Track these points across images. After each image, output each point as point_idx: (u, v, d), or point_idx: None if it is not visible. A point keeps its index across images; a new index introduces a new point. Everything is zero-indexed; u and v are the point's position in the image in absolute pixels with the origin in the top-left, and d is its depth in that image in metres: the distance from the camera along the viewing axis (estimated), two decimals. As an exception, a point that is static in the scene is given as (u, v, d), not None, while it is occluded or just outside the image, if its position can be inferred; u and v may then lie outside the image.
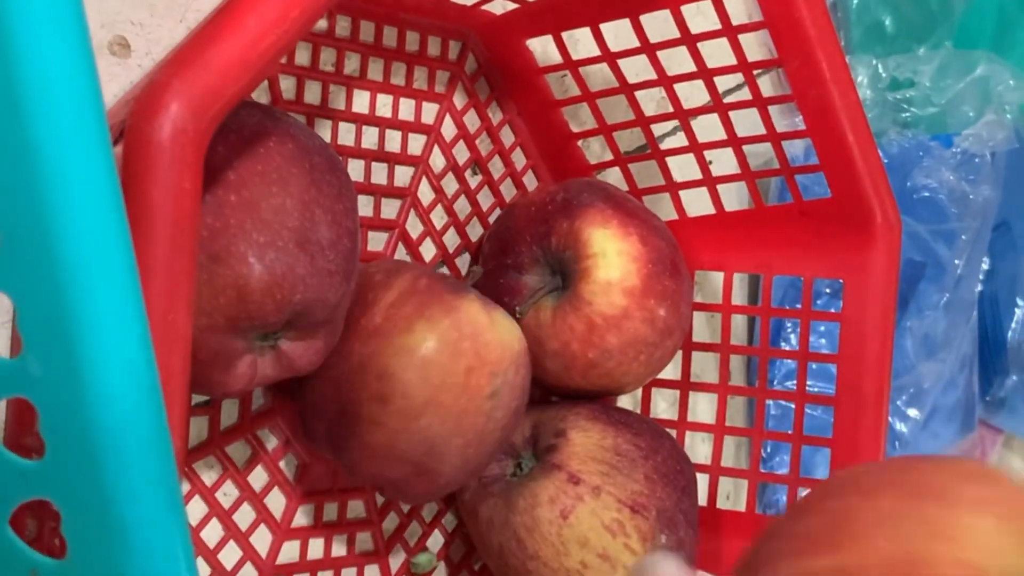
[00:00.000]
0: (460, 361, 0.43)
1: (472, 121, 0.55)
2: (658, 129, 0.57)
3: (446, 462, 0.44)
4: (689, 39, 0.51)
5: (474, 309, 0.44)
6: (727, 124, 0.54)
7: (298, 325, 0.40)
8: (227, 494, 0.47)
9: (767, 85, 0.53)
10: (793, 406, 0.56)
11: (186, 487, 0.45)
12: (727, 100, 0.54)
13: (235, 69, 0.32)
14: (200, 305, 0.37)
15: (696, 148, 0.55)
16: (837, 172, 0.53)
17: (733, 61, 0.52)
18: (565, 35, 0.54)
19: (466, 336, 0.43)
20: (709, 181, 0.56)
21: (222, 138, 0.38)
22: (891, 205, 0.53)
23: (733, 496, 0.64)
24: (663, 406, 0.62)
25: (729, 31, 0.51)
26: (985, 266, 0.79)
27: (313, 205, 0.39)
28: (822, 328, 0.67)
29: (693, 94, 0.55)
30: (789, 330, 0.70)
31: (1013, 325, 0.82)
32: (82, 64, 0.27)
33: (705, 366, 0.61)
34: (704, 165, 0.56)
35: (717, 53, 0.52)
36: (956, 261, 0.72)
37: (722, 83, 0.53)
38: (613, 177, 0.58)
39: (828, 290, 0.70)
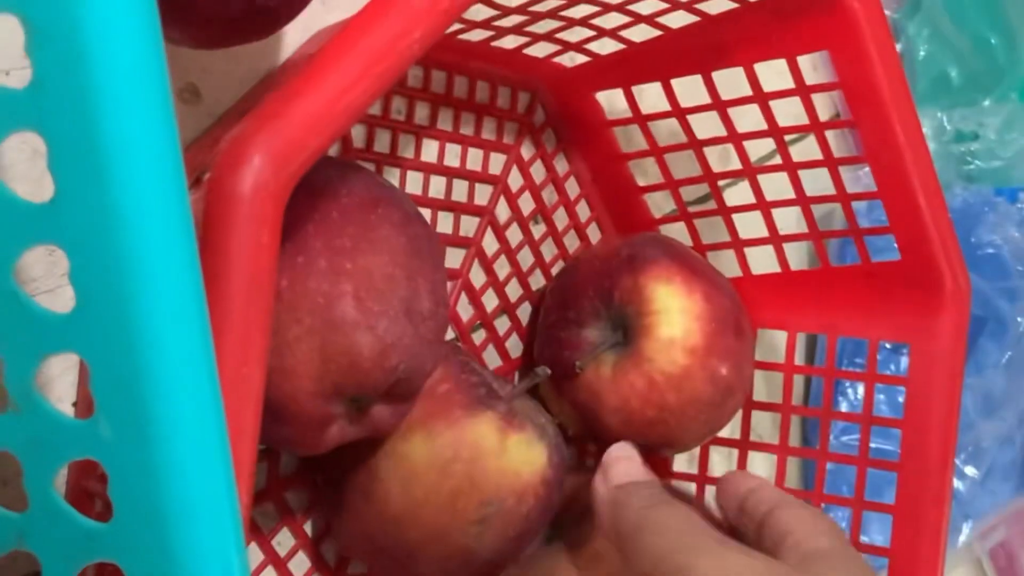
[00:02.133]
0: (447, 483, 0.43)
1: (538, 172, 0.55)
2: (724, 183, 0.56)
3: (425, 568, 0.44)
4: (761, 97, 0.51)
5: (484, 430, 0.43)
6: (795, 182, 0.53)
7: (395, 391, 0.40)
8: (281, 543, 0.46)
9: (832, 141, 0.52)
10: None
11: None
12: (796, 158, 0.53)
13: (318, 123, 0.32)
14: (309, 371, 0.38)
15: (763, 205, 0.55)
16: (907, 235, 0.52)
17: (804, 119, 0.51)
18: (635, 89, 0.54)
19: (461, 459, 0.43)
20: (775, 239, 0.55)
21: (335, 202, 0.39)
22: (961, 270, 0.53)
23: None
24: (717, 460, 0.61)
25: (802, 90, 0.50)
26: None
27: (417, 275, 0.40)
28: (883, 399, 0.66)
29: (760, 149, 0.54)
30: (847, 385, 0.69)
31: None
32: (164, 124, 0.27)
33: (759, 422, 0.60)
34: (771, 222, 0.55)
35: (787, 108, 0.52)
36: (1019, 319, 0.71)
37: (790, 139, 0.53)
38: (677, 232, 0.57)
39: (888, 345, 0.69)
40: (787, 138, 0.53)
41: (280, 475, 0.46)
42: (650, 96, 0.54)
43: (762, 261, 0.57)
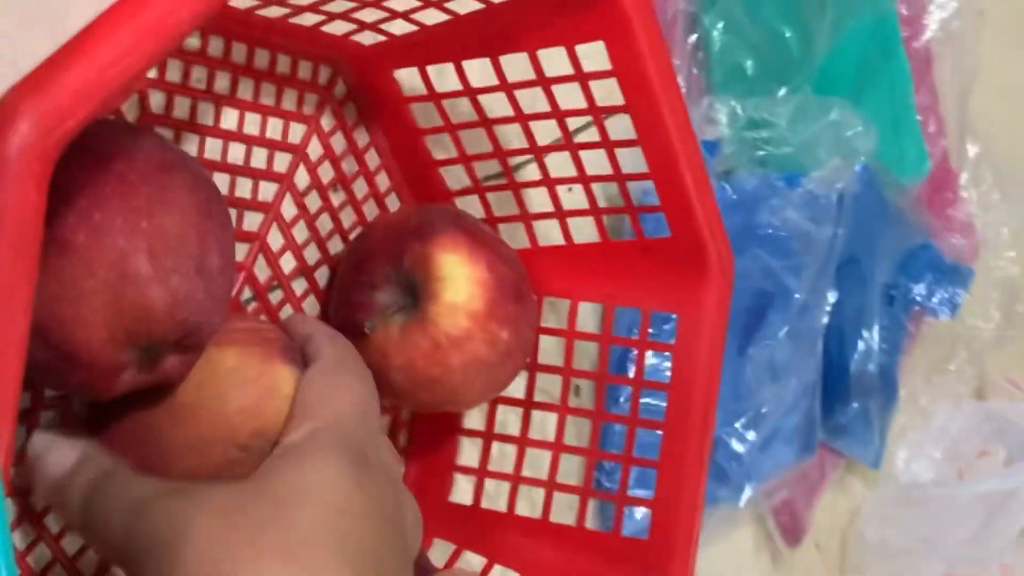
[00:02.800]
0: (237, 397, 0.46)
1: (339, 143, 0.58)
2: (514, 161, 0.60)
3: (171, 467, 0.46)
4: (544, 81, 0.55)
5: (286, 376, 0.46)
6: (577, 162, 0.58)
7: (184, 342, 0.43)
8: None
9: (618, 127, 0.56)
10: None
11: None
12: (577, 139, 0.57)
13: (85, 91, 0.35)
14: (103, 320, 0.41)
15: (548, 183, 0.59)
16: (676, 213, 0.56)
17: (584, 104, 0.55)
18: (432, 68, 0.57)
19: (259, 385, 0.46)
20: (559, 214, 0.60)
21: (130, 165, 0.42)
22: (724, 247, 0.57)
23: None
24: (512, 421, 0.65)
25: (580, 77, 0.54)
26: (833, 299, 0.83)
27: (207, 235, 0.43)
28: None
29: (548, 131, 0.58)
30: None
31: (856, 356, 0.87)
32: None
33: (552, 384, 0.64)
34: (556, 198, 0.59)
35: (571, 95, 0.56)
36: (797, 296, 0.76)
37: (573, 123, 0.57)
38: (471, 204, 0.61)
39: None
40: (578, 122, 0.57)
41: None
42: (447, 75, 0.58)
43: (549, 233, 0.61)
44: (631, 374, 0.70)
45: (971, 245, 0.97)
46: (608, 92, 0.55)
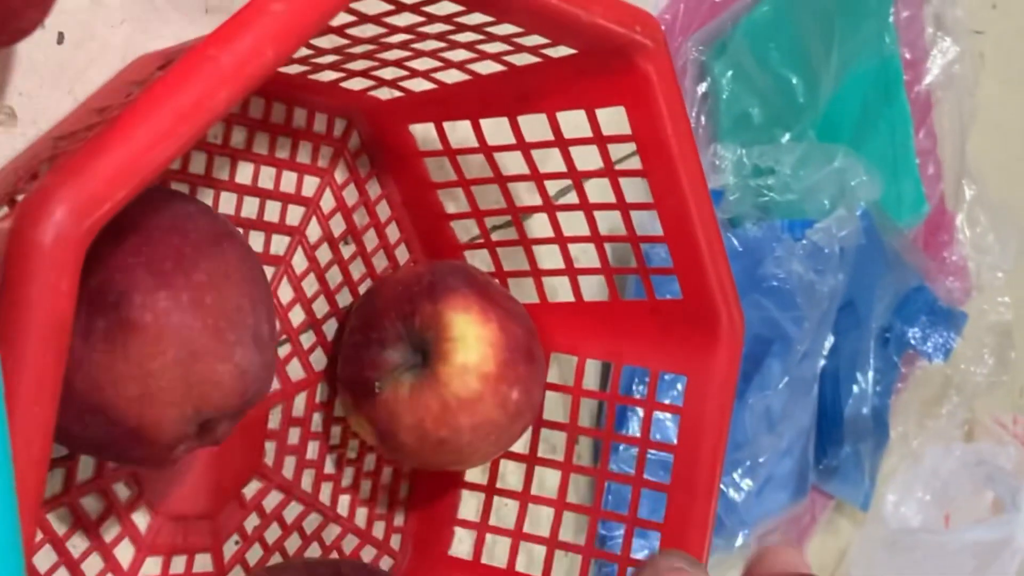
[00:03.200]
0: None
1: (351, 195, 0.58)
2: (527, 217, 0.60)
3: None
4: (562, 143, 0.55)
5: None
6: (591, 220, 0.57)
7: (241, 411, 0.43)
8: (76, 546, 0.48)
9: (630, 184, 0.56)
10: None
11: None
12: (595, 198, 0.57)
13: (121, 176, 0.34)
14: (173, 398, 0.41)
15: (560, 240, 0.58)
16: (689, 277, 0.56)
17: (600, 164, 0.55)
18: (446, 123, 0.56)
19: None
20: (571, 271, 0.59)
21: (185, 239, 0.42)
22: (736, 311, 0.57)
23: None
24: (512, 478, 0.65)
25: (599, 140, 0.54)
26: (829, 343, 0.83)
27: (258, 303, 0.43)
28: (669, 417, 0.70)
29: (562, 184, 0.58)
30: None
31: (850, 399, 0.87)
32: None
33: (559, 443, 0.64)
34: (567, 255, 0.59)
35: (591, 158, 0.56)
36: (799, 347, 0.76)
37: (594, 187, 0.57)
38: (481, 257, 0.61)
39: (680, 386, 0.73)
40: (591, 187, 0.56)
41: (77, 483, 0.48)
42: (461, 130, 0.57)
43: (559, 289, 0.61)
44: (633, 427, 0.70)
45: (965, 288, 0.97)
46: (624, 149, 0.55)
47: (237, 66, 0.36)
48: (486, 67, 0.52)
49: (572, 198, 0.57)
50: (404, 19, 0.46)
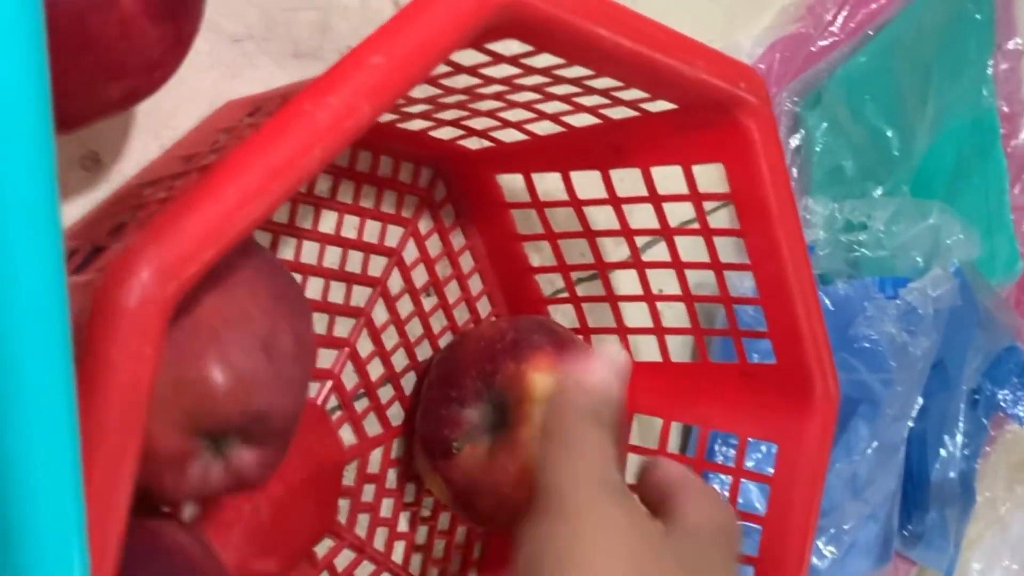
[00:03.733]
0: None
1: (434, 245, 0.56)
2: (612, 270, 0.58)
3: None
4: (655, 199, 0.52)
5: None
6: (682, 279, 0.55)
7: (254, 432, 0.40)
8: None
9: (728, 246, 0.54)
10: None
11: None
12: (683, 256, 0.55)
13: (210, 237, 0.33)
14: (164, 402, 0.38)
15: (649, 298, 0.56)
16: (784, 342, 0.54)
17: (691, 215, 0.53)
18: (536, 175, 0.55)
19: None
20: (659, 330, 0.57)
21: None
22: (832, 379, 0.55)
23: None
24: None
25: (695, 197, 0.52)
26: (918, 404, 0.80)
27: (278, 317, 0.40)
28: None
29: (651, 246, 0.56)
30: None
31: (938, 463, 0.84)
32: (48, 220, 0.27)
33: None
34: (656, 315, 0.57)
35: (679, 211, 0.53)
36: (888, 411, 0.73)
37: (681, 241, 0.54)
38: (565, 312, 0.58)
39: (764, 448, 0.71)
40: (684, 245, 0.54)
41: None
42: (549, 180, 0.55)
43: (645, 348, 0.59)
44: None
45: (1057, 350, 0.94)
46: (719, 205, 0.52)
47: (333, 122, 0.35)
48: (580, 119, 0.50)
49: (659, 249, 0.55)
50: (500, 71, 0.44)
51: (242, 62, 0.47)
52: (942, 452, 0.83)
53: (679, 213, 0.54)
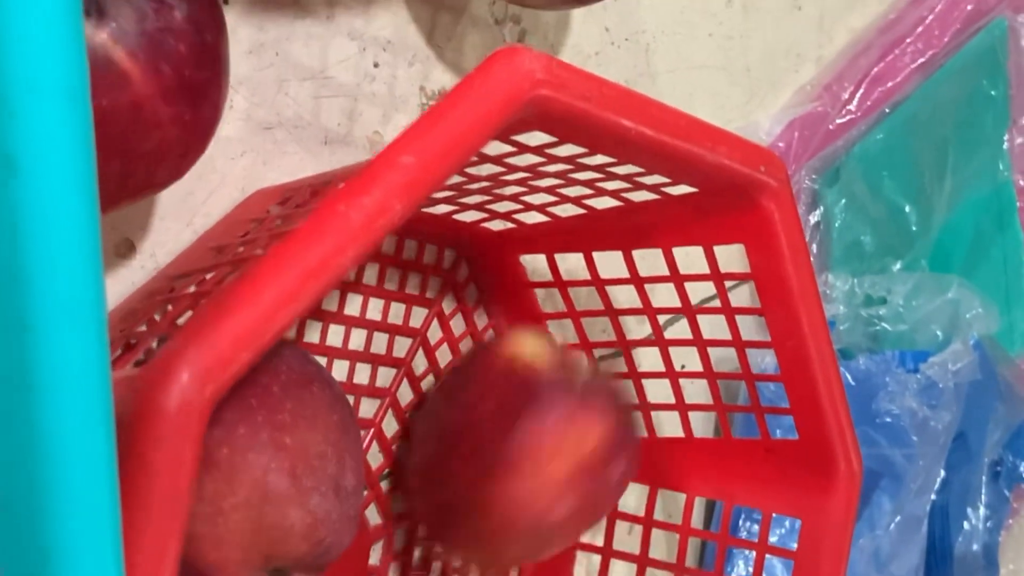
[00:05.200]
0: None
1: (458, 325, 0.57)
2: (636, 349, 0.58)
3: None
4: (677, 278, 0.53)
5: None
6: (704, 357, 0.56)
7: (314, 564, 0.41)
8: None
9: (745, 322, 0.54)
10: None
11: None
12: (707, 336, 0.55)
13: (248, 339, 0.33)
14: (240, 541, 0.39)
15: (672, 375, 0.57)
16: (806, 419, 0.54)
17: (717, 300, 0.53)
18: (558, 255, 0.55)
19: None
20: (681, 406, 0.57)
21: (275, 378, 0.41)
22: (855, 455, 0.55)
23: None
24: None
25: (716, 276, 0.52)
26: (940, 477, 0.80)
27: (344, 452, 0.41)
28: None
29: (673, 322, 0.56)
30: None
31: (960, 538, 0.83)
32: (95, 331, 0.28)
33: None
34: (678, 391, 0.57)
35: (701, 287, 0.54)
36: (911, 485, 0.73)
37: (702, 317, 0.55)
38: (589, 389, 0.59)
39: (788, 523, 0.71)
40: (705, 320, 0.55)
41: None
42: (572, 259, 0.56)
43: (668, 424, 0.59)
44: (738, 567, 0.68)
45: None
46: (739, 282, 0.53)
47: (366, 222, 0.35)
48: (602, 202, 0.51)
49: (681, 324, 0.55)
50: (525, 159, 0.45)
51: (273, 149, 0.48)
52: (965, 525, 0.83)
53: (701, 289, 0.54)
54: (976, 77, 0.82)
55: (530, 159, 0.45)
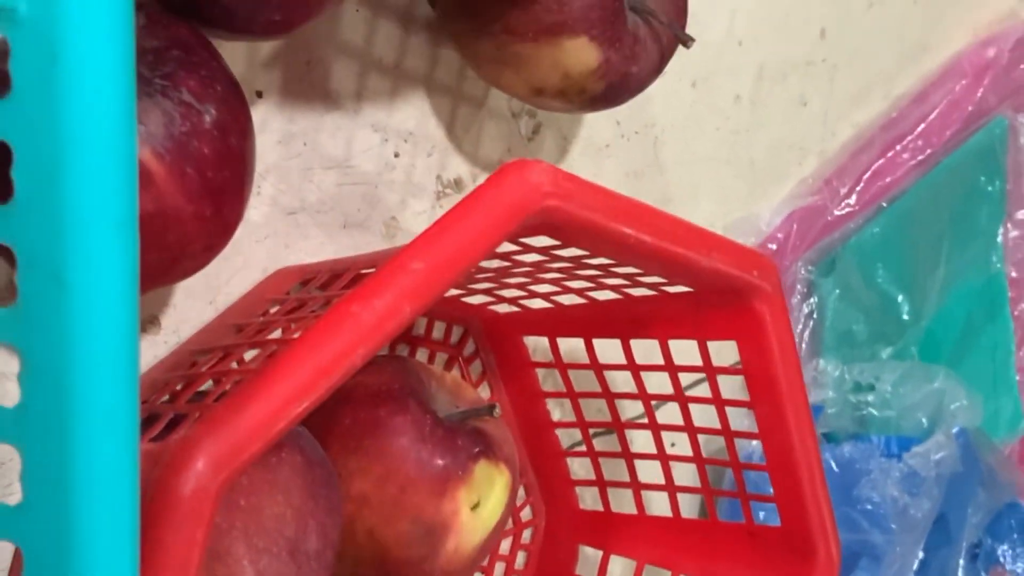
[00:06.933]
0: None
1: (461, 399, 0.59)
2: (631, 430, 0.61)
3: None
4: (671, 368, 0.56)
5: None
6: (694, 443, 0.58)
7: None
8: None
9: (738, 412, 0.57)
10: None
11: None
12: (696, 420, 0.58)
13: (260, 431, 0.36)
14: None
15: (663, 457, 0.59)
16: (789, 506, 0.56)
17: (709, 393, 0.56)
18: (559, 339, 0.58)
19: None
20: (671, 488, 0.60)
21: None
22: (835, 544, 0.57)
23: None
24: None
25: (709, 369, 0.55)
26: (918, 558, 0.82)
27: (308, 516, 0.43)
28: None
29: (665, 403, 0.59)
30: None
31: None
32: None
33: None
34: (668, 473, 0.60)
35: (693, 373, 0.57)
36: (890, 568, 0.75)
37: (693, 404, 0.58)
38: (582, 464, 0.62)
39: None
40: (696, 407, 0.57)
41: None
42: (572, 343, 0.59)
43: (657, 503, 0.61)
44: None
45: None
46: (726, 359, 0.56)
47: (376, 323, 0.38)
48: (603, 295, 0.54)
49: (671, 409, 0.58)
50: (530, 257, 0.48)
51: (295, 233, 0.51)
52: (943, 607, 0.85)
53: (692, 374, 0.57)
54: (974, 173, 0.85)
55: (535, 257, 0.48)
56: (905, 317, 0.79)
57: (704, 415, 0.58)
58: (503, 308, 0.57)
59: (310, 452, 0.45)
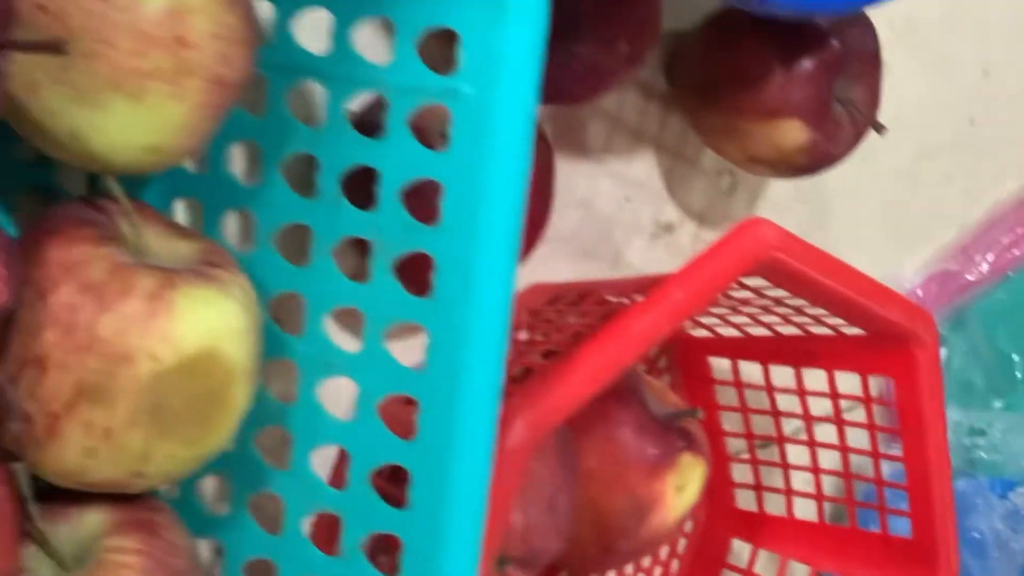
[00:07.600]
0: None
1: (651, 405, 0.71)
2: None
3: None
4: (834, 395, 0.67)
5: None
6: (845, 461, 0.69)
7: (528, 560, 0.55)
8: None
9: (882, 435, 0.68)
10: None
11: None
12: (849, 443, 0.69)
13: (565, 404, 0.48)
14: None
15: (815, 470, 0.71)
16: (921, 523, 0.67)
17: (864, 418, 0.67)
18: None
19: None
20: (819, 497, 0.71)
21: None
22: (955, 560, 0.68)
23: None
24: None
25: (867, 399, 0.66)
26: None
27: (560, 481, 0.55)
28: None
29: (822, 422, 0.70)
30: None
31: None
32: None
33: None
34: (819, 484, 0.71)
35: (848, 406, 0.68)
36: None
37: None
38: (743, 469, 0.73)
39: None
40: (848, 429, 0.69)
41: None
42: (749, 367, 0.70)
43: (803, 508, 0.73)
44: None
45: None
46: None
47: (644, 335, 0.50)
48: (787, 329, 0.65)
49: (826, 429, 0.69)
50: (742, 294, 0.59)
51: (547, 256, 0.63)
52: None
53: (845, 401, 0.68)
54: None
55: (744, 294, 0.59)
56: (1018, 375, 0.90)
57: (851, 433, 0.69)
58: (698, 333, 0.69)
59: (562, 431, 0.57)
